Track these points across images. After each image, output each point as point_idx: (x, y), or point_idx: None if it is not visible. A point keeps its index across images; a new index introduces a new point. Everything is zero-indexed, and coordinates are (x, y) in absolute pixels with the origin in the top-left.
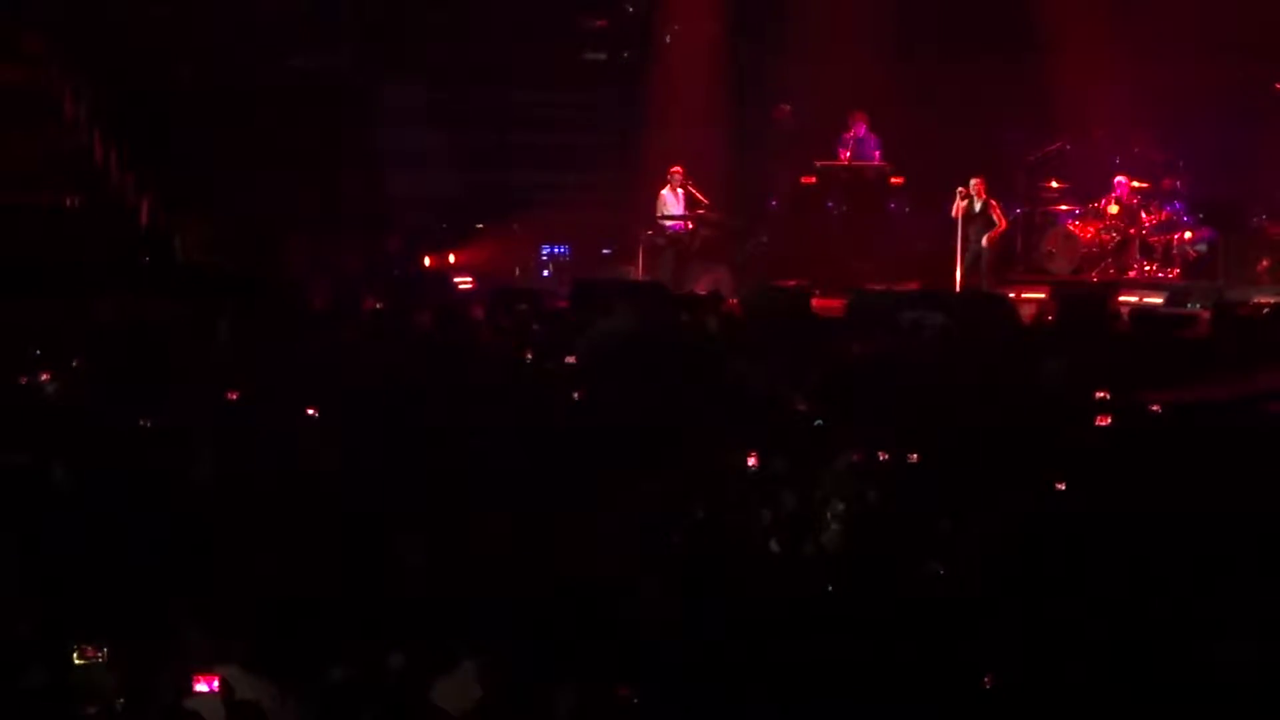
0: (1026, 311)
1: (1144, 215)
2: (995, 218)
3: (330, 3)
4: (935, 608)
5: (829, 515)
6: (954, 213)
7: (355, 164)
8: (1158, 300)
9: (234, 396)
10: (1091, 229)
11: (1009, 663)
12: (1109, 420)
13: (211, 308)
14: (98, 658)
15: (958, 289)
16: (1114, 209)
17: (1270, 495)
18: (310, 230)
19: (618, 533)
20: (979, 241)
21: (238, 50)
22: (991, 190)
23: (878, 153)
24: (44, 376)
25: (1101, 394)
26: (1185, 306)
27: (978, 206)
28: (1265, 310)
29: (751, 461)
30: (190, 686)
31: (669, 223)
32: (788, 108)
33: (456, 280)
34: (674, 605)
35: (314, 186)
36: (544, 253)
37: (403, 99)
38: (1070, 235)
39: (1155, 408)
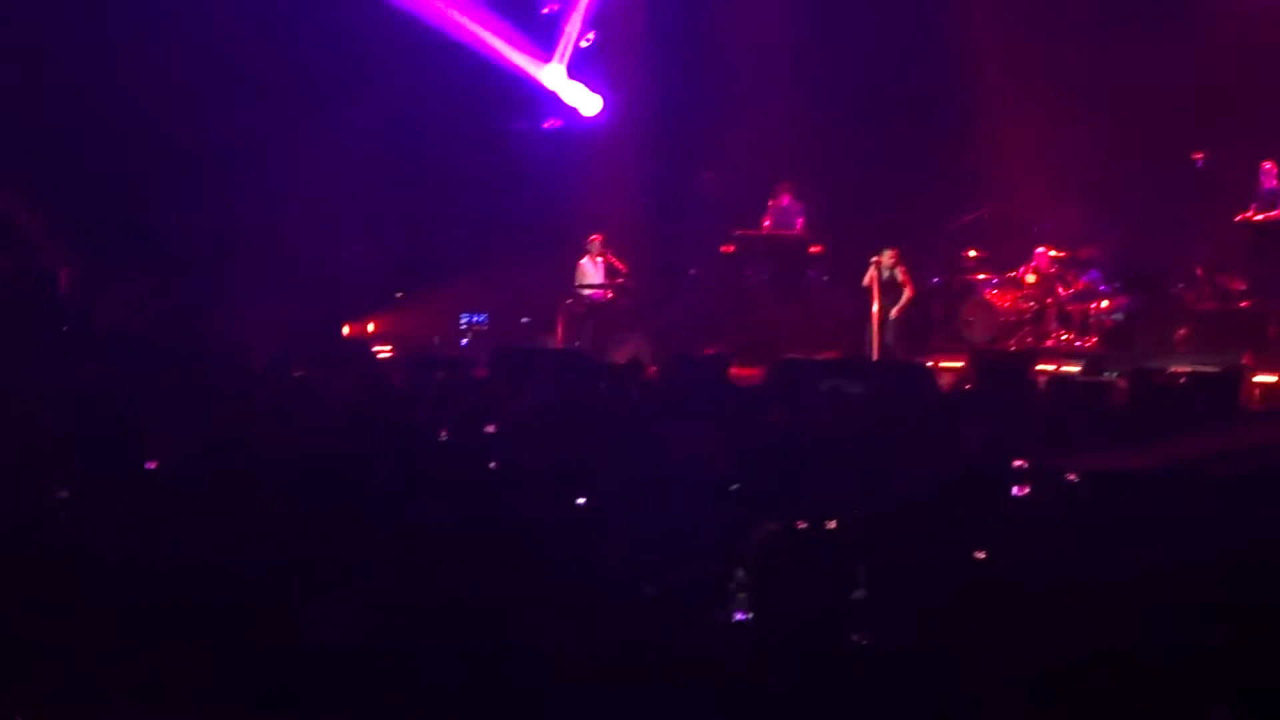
0: (945, 380)
1: (1061, 284)
2: (903, 286)
3: (252, 67)
4: (854, 678)
5: (744, 584)
6: (866, 282)
7: (272, 232)
8: (1075, 369)
9: (153, 466)
10: (1009, 298)
11: None
12: (1026, 490)
13: (133, 374)
14: None
15: (875, 357)
16: (1032, 278)
17: (1187, 560)
18: (231, 299)
19: (539, 599)
20: (890, 310)
21: (159, 115)
22: (910, 259)
23: (801, 220)
24: None
25: (1019, 462)
26: (1102, 375)
27: (889, 276)
28: (1182, 379)
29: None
30: None
31: (588, 291)
32: (709, 175)
33: (375, 349)
34: (594, 672)
35: (232, 254)
36: (463, 321)
37: (321, 166)
38: (988, 304)
39: (1072, 476)
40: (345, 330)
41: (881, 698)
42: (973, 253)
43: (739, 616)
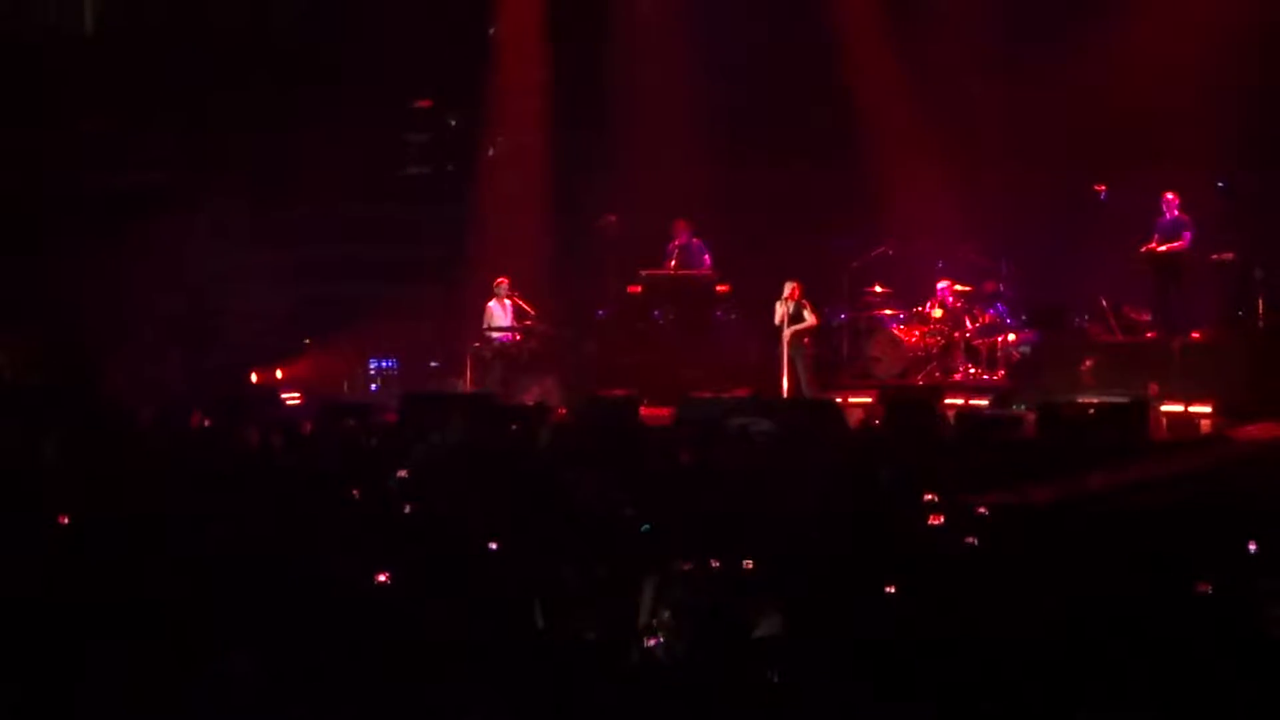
0: (854, 416)
1: (968, 319)
2: (806, 316)
3: (152, 122)
4: (770, 715)
5: (658, 624)
6: (777, 320)
7: (180, 281)
8: (983, 403)
9: (65, 520)
10: (916, 333)
11: None
12: (941, 519)
13: (35, 428)
14: None
15: (785, 395)
16: (938, 313)
17: (1099, 592)
18: (134, 347)
19: (452, 645)
20: (796, 344)
21: (59, 168)
22: (815, 296)
23: (708, 257)
24: None
25: (930, 497)
26: (1010, 408)
27: (795, 310)
28: (1090, 411)
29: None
30: None
31: (496, 334)
32: (613, 217)
33: (284, 396)
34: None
35: (137, 304)
36: (372, 366)
37: (226, 215)
38: (895, 339)
39: (982, 510)
40: (254, 378)
41: None
42: (878, 289)
43: (655, 656)
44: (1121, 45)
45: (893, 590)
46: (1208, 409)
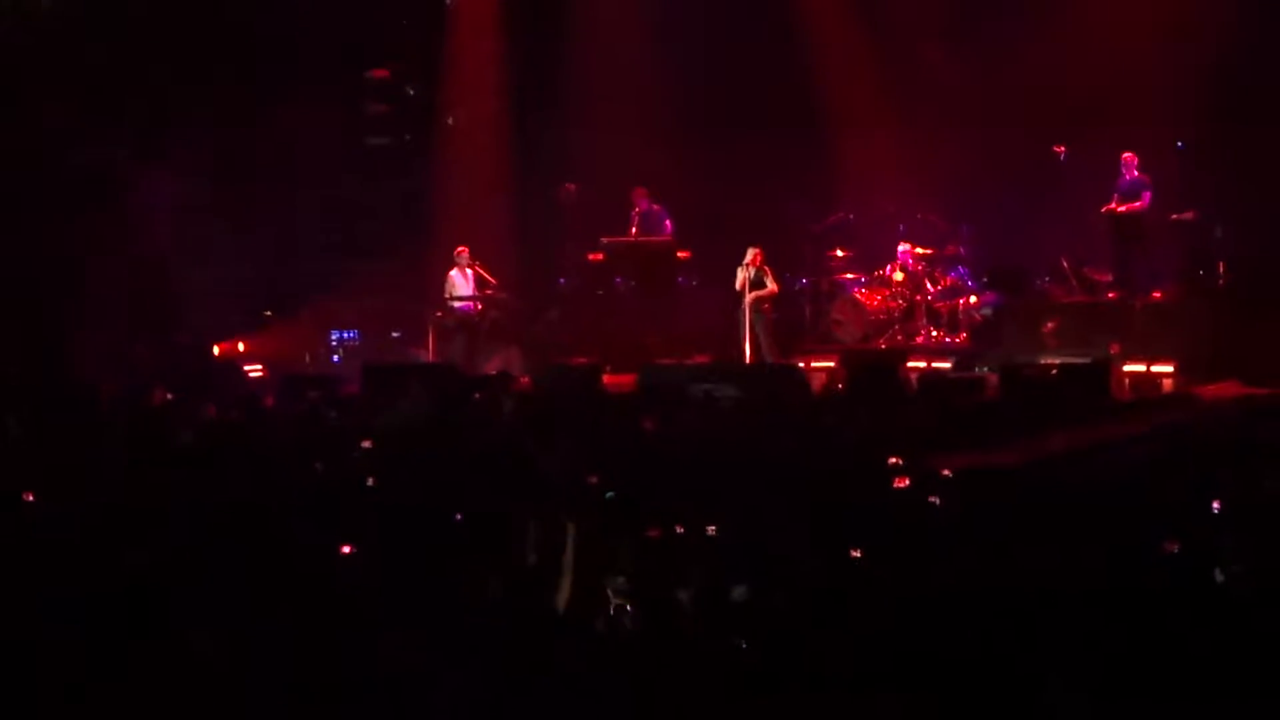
0: (817, 380)
1: (929, 282)
2: (767, 283)
3: (109, 99)
4: (736, 682)
5: (624, 591)
6: (739, 286)
7: (140, 258)
8: (945, 365)
9: (29, 497)
10: (878, 297)
11: None
12: (905, 482)
13: None
14: None
15: (747, 360)
16: (899, 276)
17: (1064, 556)
18: (96, 325)
19: (417, 617)
20: (757, 309)
21: (18, 147)
22: (776, 261)
23: (669, 223)
24: None
25: (894, 460)
26: (973, 370)
27: (756, 276)
28: (1052, 372)
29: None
30: None
31: (458, 304)
32: (573, 186)
33: (247, 369)
34: (474, 687)
35: (98, 282)
36: (333, 338)
37: (186, 191)
38: (857, 303)
39: (946, 472)
40: (215, 351)
41: (764, 700)
42: (839, 253)
43: (621, 624)
44: (1078, 6)
45: (858, 554)
46: (1169, 368)
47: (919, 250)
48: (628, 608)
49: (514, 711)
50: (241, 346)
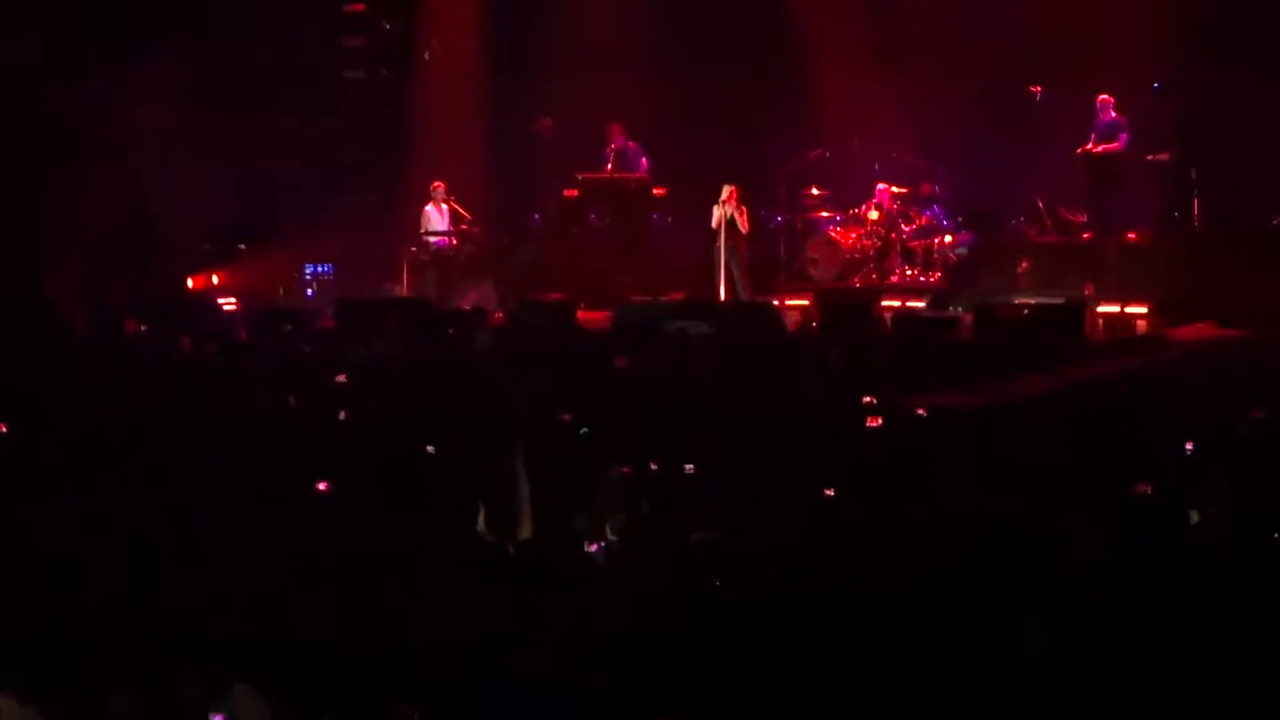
0: (791, 318)
1: (904, 221)
2: (740, 225)
3: (79, 33)
4: (713, 621)
5: (597, 528)
6: (714, 223)
7: (114, 189)
8: (920, 304)
9: (3, 428)
10: (853, 235)
11: (786, 678)
12: (879, 422)
13: None
14: None
15: (721, 298)
16: (874, 215)
17: (1036, 493)
18: (69, 256)
19: (399, 558)
20: (732, 247)
21: None
22: (752, 199)
23: (644, 160)
24: None
25: (868, 399)
26: (947, 310)
27: (731, 215)
28: (1026, 312)
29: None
30: None
31: (433, 239)
32: (549, 121)
33: (220, 302)
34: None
35: (71, 212)
36: (307, 272)
37: (160, 123)
38: (832, 242)
39: (920, 411)
40: (190, 284)
41: (740, 640)
42: (814, 191)
43: (594, 561)
44: None
45: (831, 493)
46: (1144, 309)
47: (895, 189)
48: (600, 544)
49: (492, 652)
50: (215, 279)
